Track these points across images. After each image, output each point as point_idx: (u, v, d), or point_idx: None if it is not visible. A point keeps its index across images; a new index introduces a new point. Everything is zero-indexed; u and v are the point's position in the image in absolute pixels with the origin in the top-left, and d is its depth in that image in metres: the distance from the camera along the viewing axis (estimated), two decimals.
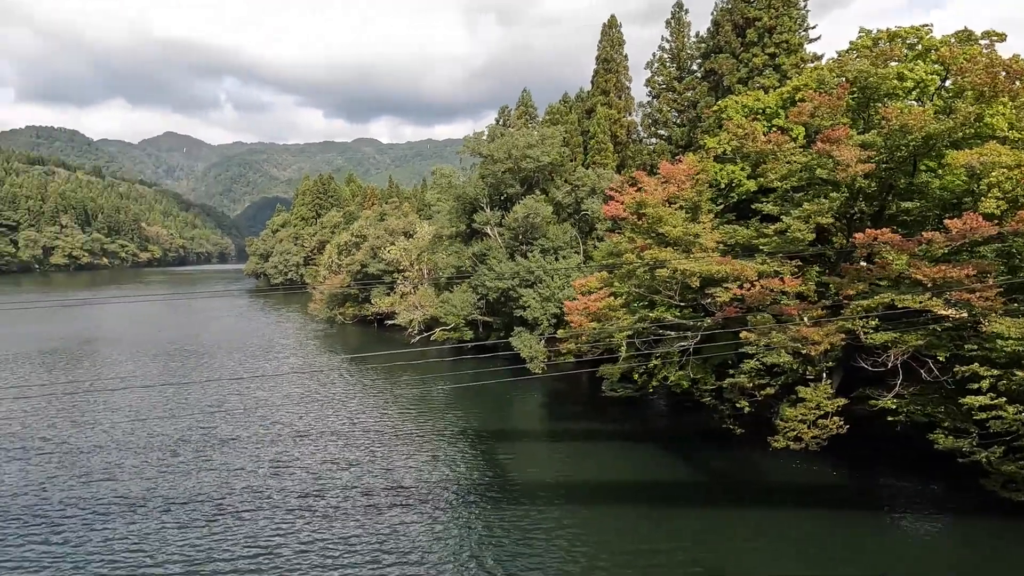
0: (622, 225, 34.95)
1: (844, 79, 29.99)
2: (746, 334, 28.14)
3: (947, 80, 30.72)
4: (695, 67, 53.14)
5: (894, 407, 26.88)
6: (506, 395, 45.02)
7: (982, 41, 30.32)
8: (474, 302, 55.75)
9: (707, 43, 49.95)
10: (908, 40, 32.13)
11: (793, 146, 30.01)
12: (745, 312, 29.16)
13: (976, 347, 24.57)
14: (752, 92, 38.70)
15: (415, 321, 66.22)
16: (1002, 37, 29.98)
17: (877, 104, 29.75)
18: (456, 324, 57.01)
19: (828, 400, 28.14)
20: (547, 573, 21.81)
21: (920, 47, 31.64)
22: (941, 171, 28.64)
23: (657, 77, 54.60)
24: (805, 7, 45.73)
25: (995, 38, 29.94)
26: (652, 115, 55.48)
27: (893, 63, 30.07)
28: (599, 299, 34.18)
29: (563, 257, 50.82)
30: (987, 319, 23.95)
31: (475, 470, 31.26)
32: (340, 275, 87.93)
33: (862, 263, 28.39)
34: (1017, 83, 27.94)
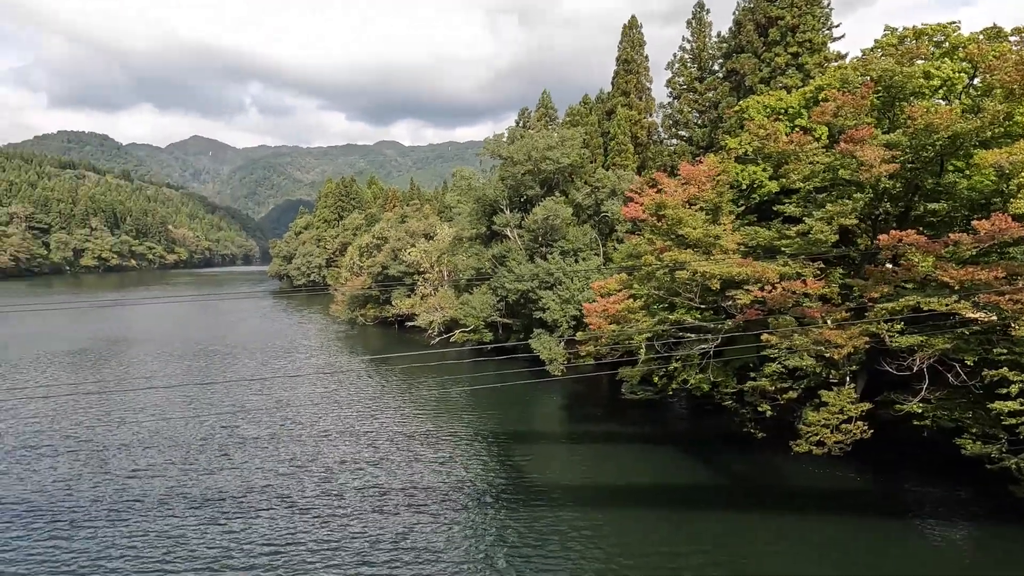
0: (642, 227, 34.78)
1: (868, 78, 29.52)
2: (767, 337, 27.75)
3: (975, 78, 30.09)
4: (716, 67, 52.66)
5: (920, 412, 26.39)
6: (525, 397, 45.00)
7: (1012, 38, 29.68)
8: (494, 304, 55.87)
9: (728, 43, 49.50)
10: (935, 38, 31.55)
11: (816, 146, 29.57)
12: (767, 314, 28.78)
13: (1006, 351, 24.06)
14: (774, 92, 38.18)
15: (435, 323, 66.50)
16: None
17: (902, 103, 29.22)
18: (476, 326, 57.22)
19: (852, 404, 27.64)
20: (564, 575, 21.76)
21: (947, 45, 31.04)
22: (969, 171, 28.06)
23: (678, 78, 54.23)
24: (829, 5, 45.10)
25: None
26: (673, 116, 55.07)
27: (919, 61, 29.54)
28: (619, 301, 34.04)
29: (583, 259, 50.69)
30: (1017, 322, 23.38)
31: (493, 472, 31.30)
32: (361, 277, 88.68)
33: (887, 265, 27.90)
34: None
